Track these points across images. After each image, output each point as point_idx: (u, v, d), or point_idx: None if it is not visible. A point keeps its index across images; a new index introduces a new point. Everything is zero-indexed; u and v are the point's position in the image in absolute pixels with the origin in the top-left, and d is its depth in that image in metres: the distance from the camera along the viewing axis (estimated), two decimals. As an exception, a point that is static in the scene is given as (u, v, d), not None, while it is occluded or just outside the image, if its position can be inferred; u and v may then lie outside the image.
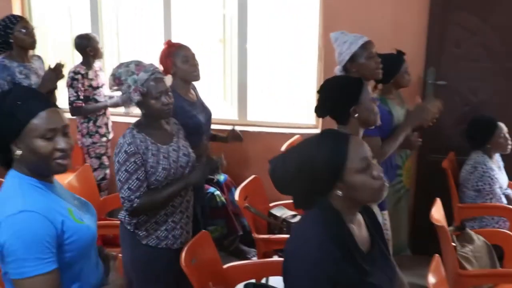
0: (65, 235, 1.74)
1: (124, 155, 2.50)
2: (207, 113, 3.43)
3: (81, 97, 4.27)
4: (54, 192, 1.83)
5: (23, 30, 3.78)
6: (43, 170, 1.80)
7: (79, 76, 4.27)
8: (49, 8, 5.24)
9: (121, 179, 2.51)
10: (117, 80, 2.56)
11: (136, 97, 2.53)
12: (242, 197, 3.37)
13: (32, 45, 3.87)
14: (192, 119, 3.23)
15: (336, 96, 2.58)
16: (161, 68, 3.29)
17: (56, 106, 1.81)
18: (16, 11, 4.91)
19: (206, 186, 3.98)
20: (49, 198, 1.78)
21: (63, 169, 1.80)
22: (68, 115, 3.98)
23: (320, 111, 2.66)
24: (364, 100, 2.54)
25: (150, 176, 2.55)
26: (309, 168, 1.75)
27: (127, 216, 2.62)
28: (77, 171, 3.66)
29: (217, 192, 4.07)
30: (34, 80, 3.85)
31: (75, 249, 1.78)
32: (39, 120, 1.74)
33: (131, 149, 2.51)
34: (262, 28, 5.10)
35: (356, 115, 2.52)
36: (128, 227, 2.63)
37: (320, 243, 1.70)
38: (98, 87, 4.39)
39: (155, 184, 2.57)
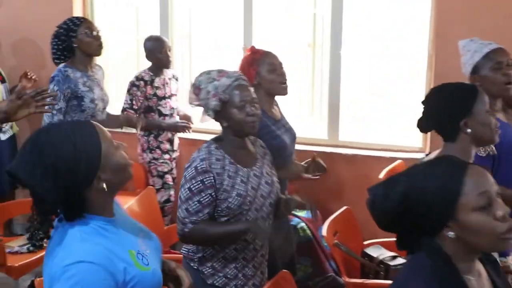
0: (128, 286, 1.83)
1: (193, 171, 2.61)
2: (292, 134, 3.47)
3: (135, 106, 4.49)
4: (115, 227, 1.92)
5: (88, 33, 4.00)
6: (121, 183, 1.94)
7: (140, 83, 4.51)
8: (114, 9, 5.50)
9: (182, 197, 2.63)
10: (197, 89, 2.69)
11: (213, 102, 2.63)
12: (331, 232, 3.39)
13: (98, 50, 4.09)
14: (276, 140, 3.27)
15: (443, 105, 2.54)
16: None
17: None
18: (77, 12, 5.20)
19: (290, 216, 4.04)
20: (111, 240, 1.86)
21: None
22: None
23: (424, 124, 2.63)
24: (479, 111, 2.48)
25: (221, 203, 2.62)
26: (416, 202, 1.72)
27: (190, 250, 2.72)
28: (139, 194, 3.84)
29: (302, 224, 4.13)
30: (97, 94, 4.08)
31: None
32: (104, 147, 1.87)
33: (203, 166, 2.60)
34: (359, 31, 5.10)
35: (468, 130, 2.46)
36: (192, 264, 2.71)
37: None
38: (165, 97, 4.59)
39: (226, 213, 2.64)
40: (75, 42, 4.01)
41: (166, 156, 4.65)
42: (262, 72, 3.32)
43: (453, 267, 1.71)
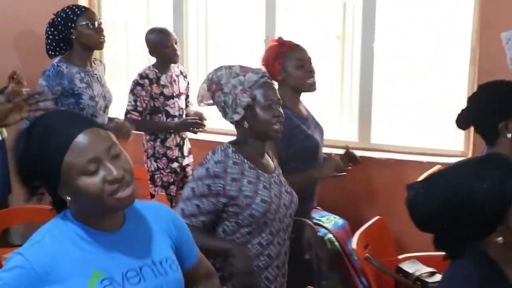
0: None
1: (203, 172, 2.56)
2: (321, 130, 3.46)
3: (140, 108, 4.33)
4: (104, 246, 1.83)
5: (89, 24, 3.81)
6: (100, 213, 1.82)
7: (145, 81, 4.34)
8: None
9: (183, 194, 2.63)
10: (214, 84, 2.60)
11: (245, 99, 2.55)
12: (362, 245, 3.34)
13: (100, 43, 3.91)
14: (310, 140, 3.28)
15: (484, 103, 2.56)
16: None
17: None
18: (83, 1, 5.08)
19: (316, 227, 3.91)
20: (79, 249, 1.81)
21: (125, 204, 1.80)
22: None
23: (461, 120, 2.66)
24: None
25: (243, 210, 2.57)
26: (462, 204, 1.73)
27: None
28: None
29: (330, 236, 3.97)
30: (97, 91, 3.91)
31: None
32: (72, 154, 1.73)
33: (215, 170, 2.55)
34: (394, 22, 4.98)
35: (509, 134, 2.47)
36: None
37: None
38: (172, 97, 4.43)
39: (249, 223, 2.58)
40: (74, 34, 3.82)
41: (174, 165, 4.45)
42: (289, 68, 3.31)
43: (502, 274, 1.75)
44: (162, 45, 4.37)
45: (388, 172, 4.47)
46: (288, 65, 3.30)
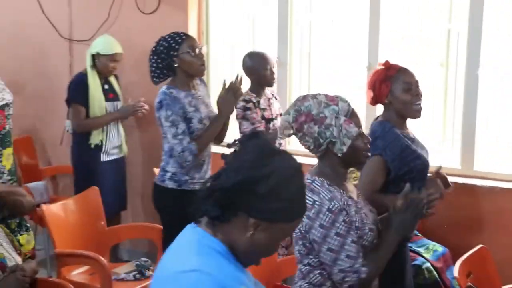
0: None
1: (330, 215, 2.46)
2: (426, 151, 3.42)
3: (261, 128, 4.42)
4: (245, 276, 1.85)
5: (190, 52, 3.86)
6: None
7: (251, 105, 4.44)
8: (230, 23, 5.54)
9: (333, 247, 2.47)
10: (304, 116, 2.52)
11: (353, 129, 2.51)
12: (464, 273, 3.30)
13: (201, 70, 3.96)
14: (420, 159, 3.26)
15: None
16: (370, 95, 3.35)
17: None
18: (192, 27, 5.27)
19: (412, 255, 3.85)
20: (233, 268, 1.80)
21: None
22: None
23: None
24: None
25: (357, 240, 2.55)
26: None
27: None
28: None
29: (427, 265, 3.97)
30: (204, 113, 3.96)
31: None
32: None
33: (336, 205, 2.48)
34: (500, 49, 4.88)
35: None
36: None
37: None
38: (271, 119, 4.53)
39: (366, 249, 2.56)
40: (176, 62, 3.88)
41: None
42: (396, 91, 3.27)
43: None
44: (261, 68, 4.48)
45: (492, 200, 4.38)
46: (395, 88, 3.25)
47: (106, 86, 5.08)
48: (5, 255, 3.11)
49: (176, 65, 3.89)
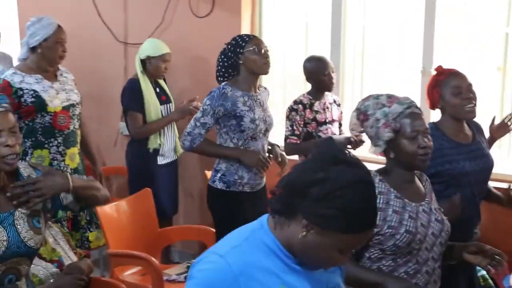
0: None
1: None
2: (483, 161, 3.36)
3: (297, 132, 4.47)
4: (289, 265, 1.85)
5: (255, 49, 3.97)
6: None
7: (299, 107, 4.50)
8: (283, 27, 5.55)
9: None
10: (362, 115, 2.64)
11: (387, 133, 2.57)
12: None
13: (265, 68, 4.04)
14: (451, 164, 3.22)
15: None
16: (427, 100, 3.39)
17: None
18: (245, 30, 5.32)
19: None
20: (275, 265, 1.82)
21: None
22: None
23: None
24: None
25: (387, 240, 2.56)
26: None
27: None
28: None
29: (483, 273, 3.86)
30: (258, 114, 4.05)
31: None
32: None
33: None
34: None
35: None
36: None
37: None
38: (325, 123, 4.54)
39: (393, 251, 2.57)
40: (241, 59, 4.00)
41: None
42: (446, 96, 3.27)
43: None
44: (319, 73, 4.51)
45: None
46: (445, 92, 3.25)
47: (157, 90, 5.13)
48: (62, 254, 3.19)
49: (241, 62, 3.99)
